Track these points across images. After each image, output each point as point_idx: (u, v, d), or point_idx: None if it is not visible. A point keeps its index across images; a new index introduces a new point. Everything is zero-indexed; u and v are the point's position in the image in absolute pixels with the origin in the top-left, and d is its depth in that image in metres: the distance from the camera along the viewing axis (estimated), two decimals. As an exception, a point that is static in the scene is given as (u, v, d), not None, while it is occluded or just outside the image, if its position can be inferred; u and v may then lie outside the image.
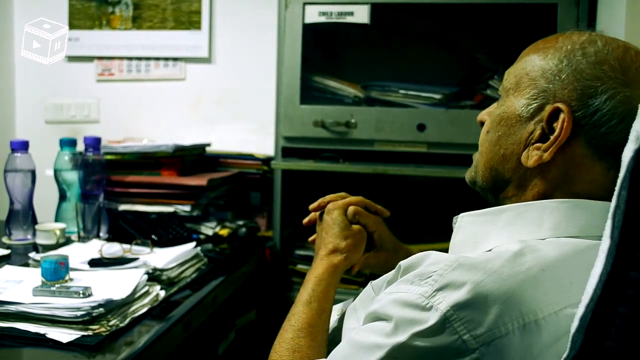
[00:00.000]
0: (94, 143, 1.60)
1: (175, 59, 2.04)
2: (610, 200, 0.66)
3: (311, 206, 1.07)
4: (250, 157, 1.89)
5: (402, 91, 1.69)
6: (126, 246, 1.33)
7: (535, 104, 0.73)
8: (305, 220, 1.08)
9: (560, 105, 0.70)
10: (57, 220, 1.61)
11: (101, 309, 0.97)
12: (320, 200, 1.06)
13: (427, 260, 0.68)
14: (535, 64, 0.75)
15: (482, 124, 0.82)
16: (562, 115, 0.70)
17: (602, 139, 0.69)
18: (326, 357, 0.82)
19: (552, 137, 0.71)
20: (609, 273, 0.57)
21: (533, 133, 0.73)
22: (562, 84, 0.71)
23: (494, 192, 0.79)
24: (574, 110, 0.70)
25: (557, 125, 0.70)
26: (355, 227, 1.00)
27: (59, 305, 0.97)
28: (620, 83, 0.69)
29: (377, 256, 1.05)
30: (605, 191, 0.70)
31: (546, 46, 0.75)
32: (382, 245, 1.05)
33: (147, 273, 1.17)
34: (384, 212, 1.06)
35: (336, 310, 0.96)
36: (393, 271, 0.74)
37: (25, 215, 1.52)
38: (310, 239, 1.07)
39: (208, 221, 1.67)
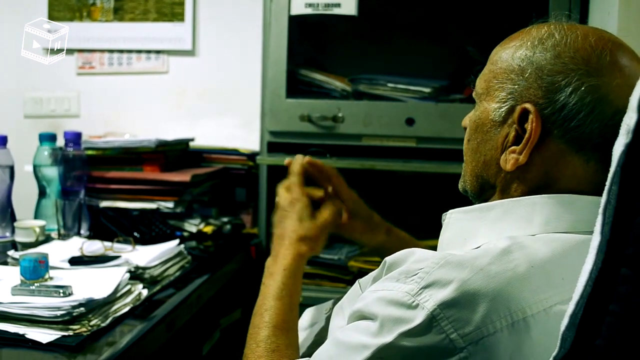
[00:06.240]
0: (75, 138, 1.57)
1: (157, 52, 2.01)
2: (594, 194, 0.66)
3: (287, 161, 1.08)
4: (235, 152, 1.87)
5: (390, 85, 1.67)
6: (108, 244, 1.32)
7: (506, 107, 0.73)
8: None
9: (527, 105, 0.70)
10: (36, 217, 1.58)
11: (82, 309, 0.96)
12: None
13: (413, 257, 0.67)
14: (502, 66, 0.74)
15: (466, 129, 0.81)
16: (530, 116, 0.70)
17: (575, 132, 0.69)
18: (300, 355, 0.81)
19: (524, 139, 0.70)
20: (599, 270, 0.57)
21: (508, 136, 0.73)
22: (527, 83, 0.71)
23: (482, 200, 0.79)
24: (542, 109, 0.70)
25: (528, 126, 0.70)
26: (320, 218, 1.00)
27: (39, 304, 0.96)
28: (583, 74, 0.68)
29: (352, 225, 1.07)
30: (588, 184, 0.70)
31: (510, 45, 0.75)
32: (356, 214, 1.07)
33: (129, 271, 1.15)
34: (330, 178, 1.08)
35: (323, 309, 0.95)
36: (379, 268, 0.74)
37: (3, 212, 1.50)
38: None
39: (192, 218, 1.64)
